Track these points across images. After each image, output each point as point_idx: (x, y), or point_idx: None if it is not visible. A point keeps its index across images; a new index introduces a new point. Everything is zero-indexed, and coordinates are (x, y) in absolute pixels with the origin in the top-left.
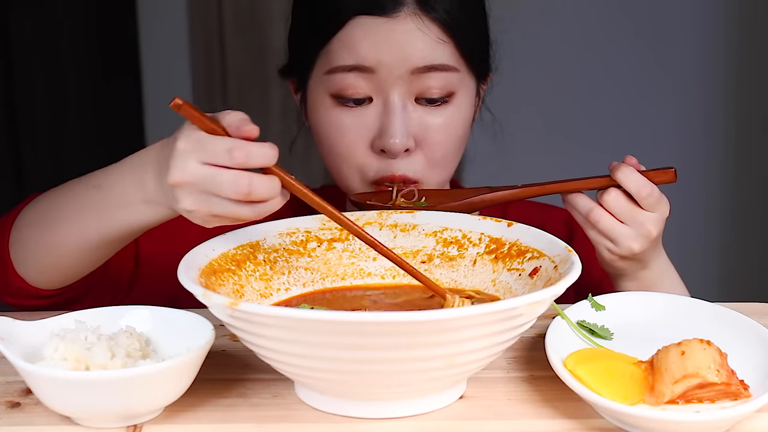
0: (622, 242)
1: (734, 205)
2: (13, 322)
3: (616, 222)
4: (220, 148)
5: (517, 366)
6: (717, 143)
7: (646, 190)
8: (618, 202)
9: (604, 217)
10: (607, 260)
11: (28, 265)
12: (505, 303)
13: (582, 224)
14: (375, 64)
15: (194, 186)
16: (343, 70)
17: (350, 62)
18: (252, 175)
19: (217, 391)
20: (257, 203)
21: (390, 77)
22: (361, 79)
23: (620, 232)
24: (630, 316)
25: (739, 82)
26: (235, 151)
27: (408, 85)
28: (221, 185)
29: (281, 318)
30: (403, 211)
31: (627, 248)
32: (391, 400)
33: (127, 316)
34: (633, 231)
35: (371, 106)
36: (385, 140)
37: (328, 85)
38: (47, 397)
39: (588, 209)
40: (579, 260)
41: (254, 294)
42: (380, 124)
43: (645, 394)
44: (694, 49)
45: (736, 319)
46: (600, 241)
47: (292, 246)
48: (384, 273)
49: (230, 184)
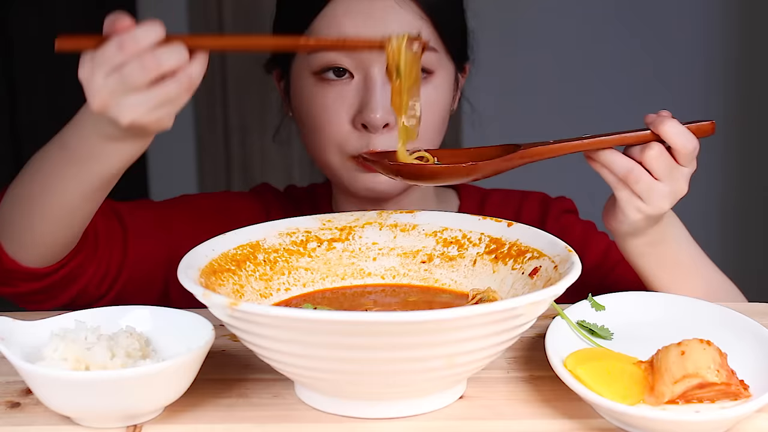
0: (654, 201)
1: (734, 205)
2: (13, 322)
3: (653, 180)
4: (110, 51)
5: (517, 366)
6: (717, 142)
7: (692, 145)
8: (662, 158)
9: (644, 176)
10: (633, 220)
11: (19, 243)
12: (505, 303)
13: (613, 184)
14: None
15: (116, 97)
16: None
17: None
18: (152, 49)
19: (217, 391)
20: (177, 76)
21: (370, 54)
22: (342, 56)
23: (657, 189)
24: (630, 316)
25: (740, 81)
26: (124, 42)
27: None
28: (133, 77)
29: (281, 318)
30: (403, 210)
31: (658, 207)
32: (391, 400)
33: (127, 316)
34: (668, 188)
35: (352, 82)
36: (366, 114)
37: (310, 63)
38: (47, 397)
39: (628, 168)
40: (579, 260)
41: (254, 294)
42: (361, 98)
43: (645, 394)
44: (694, 45)
45: (736, 319)
46: (631, 201)
47: (292, 246)
48: (384, 273)
49: (138, 69)
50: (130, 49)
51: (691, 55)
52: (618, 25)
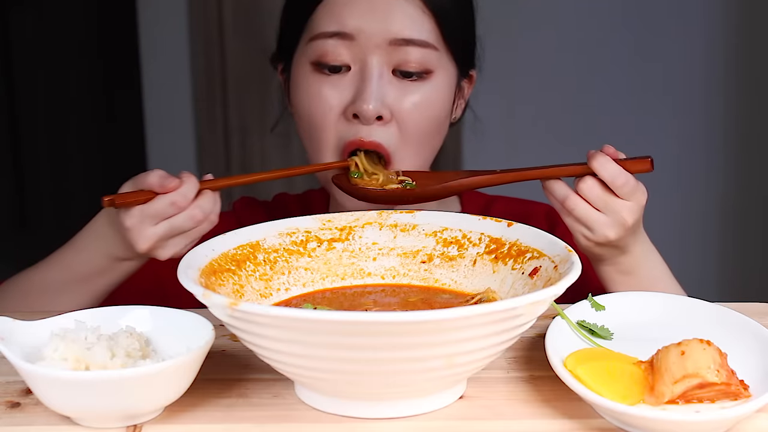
0: (597, 229)
1: (734, 205)
2: (13, 322)
3: (591, 209)
4: (162, 205)
5: (517, 366)
6: (717, 143)
7: (621, 180)
8: (593, 190)
9: (580, 205)
10: (584, 246)
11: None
12: (505, 303)
13: (558, 210)
14: (355, 32)
15: (163, 240)
16: (325, 36)
17: (332, 28)
18: (195, 203)
19: (217, 391)
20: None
21: (369, 45)
22: (341, 47)
23: (595, 219)
24: (630, 316)
25: (740, 82)
26: (175, 200)
27: (386, 55)
28: (183, 226)
29: (281, 318)
30: (403, 210)
31: (602, 235)
32: (391, 400)
33: (127, 316)
34: (608, 219)
35: (349, 74)
36: (359, 105)
37: (309, 52)
38: (47, 397)
39: (564, 196)
40: (579, 260)
41: (254, 294)
42: (355, 90)
43: (645, 394)
44: (695, 48)
45: (736, 319)
46: (576, 228)
47: (292, 246)
48: (384, 273)
49: (188, 220)
50: (180, 205)
51: (692, 54)
52: (619, 26)
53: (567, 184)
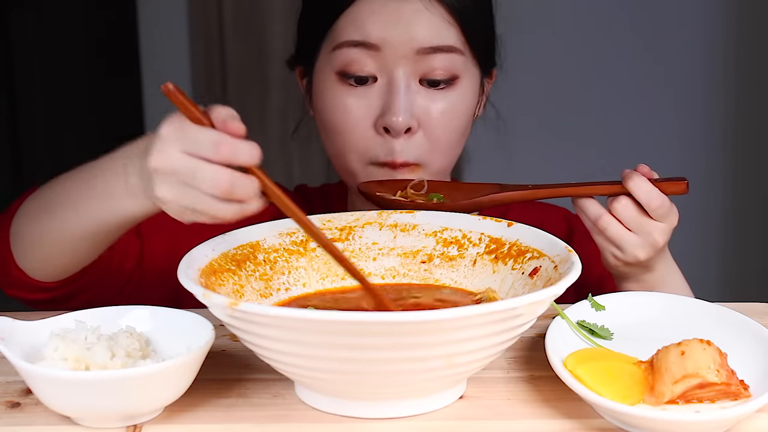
0: (628, 250)
1: (735, 205)
2: (13, 322)
3: (623, 230)
4: (206, 139)
5: (517, 366)
6: (718, 143)
7: (657, 202)
8: (627, 210)
9: (612, 225)
10: (612, 265)
11: (27, 257)
12: (505, 303)
13: (590, 229)
14: (380, 42)
15: (173, 175)
16: (349, 45)
17: (356, 38)
18: (234, 172)
19: (217, 391)
20: (235, 202)
21: (395, 56)
22: (366, 56)
23: (627, 240)
24: (630, 316)
25: (741, 83)
26: (222, 145)
27: (412, 65)
28: (201, 179)
29: (281, 318)
30: (403, 211)
31: (632, 256)
32: (391, 400)
33: (127, 316)
34: (640, 239)
35: (375, 86)
36: (388, 118)
37: (333, 62)
38: (47, 397)
39: (597, 215)
40: (579, 260)
41: (254, 294)
42: (384, 102)
43: (645, 394)
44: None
45: (736, 319)
46: (606, 247)
47: (292, 246)
48: (384, 273)
49: (211, 178)
50: (222, 155)
51: (692, 55)
52: (619, 26)
53: (600, 203)
